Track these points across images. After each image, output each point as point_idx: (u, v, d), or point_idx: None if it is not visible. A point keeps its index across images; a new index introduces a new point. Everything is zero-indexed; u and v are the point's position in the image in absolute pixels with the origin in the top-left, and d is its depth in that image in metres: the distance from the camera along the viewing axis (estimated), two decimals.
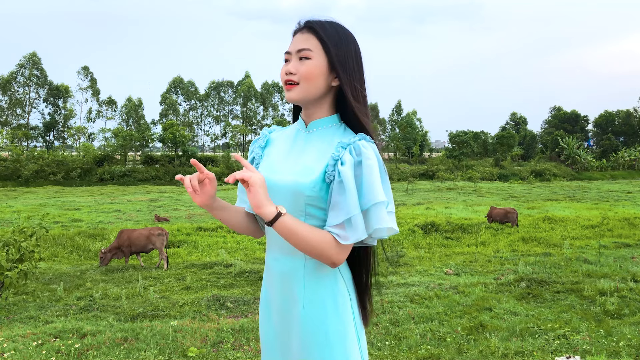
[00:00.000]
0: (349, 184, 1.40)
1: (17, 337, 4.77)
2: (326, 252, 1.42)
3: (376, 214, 1.41)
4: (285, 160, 1.56)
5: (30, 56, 56.53)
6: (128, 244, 10.63)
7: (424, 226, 14.94)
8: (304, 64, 1.48)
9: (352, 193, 1.40)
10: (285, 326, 1.55)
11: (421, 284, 7.88)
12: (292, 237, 1.40)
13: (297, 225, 1.40)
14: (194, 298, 7.27)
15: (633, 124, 71.84)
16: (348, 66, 1.50)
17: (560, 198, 27.20)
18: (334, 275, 1.52)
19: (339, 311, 1.50)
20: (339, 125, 1.56)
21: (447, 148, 62.69)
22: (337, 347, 1.49)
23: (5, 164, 44.67)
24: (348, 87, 1.50)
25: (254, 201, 1.37)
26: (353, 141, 1.46)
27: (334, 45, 1.49)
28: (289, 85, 1.50)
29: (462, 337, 5.01)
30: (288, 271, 1.53)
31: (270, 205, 1.38)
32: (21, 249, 7.10)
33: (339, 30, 1.52)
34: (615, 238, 13.26)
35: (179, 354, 4.37)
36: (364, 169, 1.42)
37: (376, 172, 1.43)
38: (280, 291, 1.56)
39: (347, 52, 1.51)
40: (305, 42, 1.49)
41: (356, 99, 1.51)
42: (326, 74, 1.50)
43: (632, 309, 5.90)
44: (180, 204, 23.84)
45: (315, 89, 1.50)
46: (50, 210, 20.91)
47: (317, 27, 1.49)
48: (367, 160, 1.42)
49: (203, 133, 66.46)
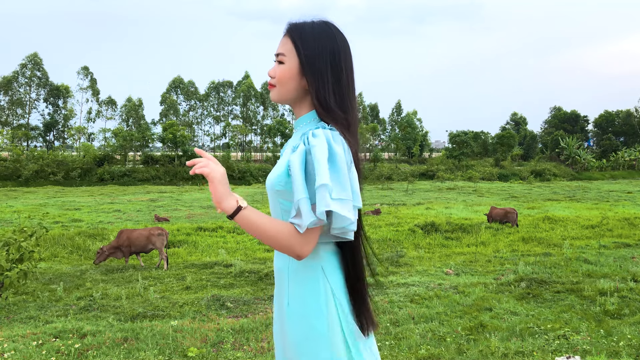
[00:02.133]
0: (294, 170, 1.43)
1: (17, 337, 4.77)
2: (287, 242, 1.42)
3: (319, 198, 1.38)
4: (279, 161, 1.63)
5: (32, 56, 56.51)
6: (128, 244, 10.63)
7: (424, 226, 14.94)
8: (279, 68, 1.57)
9: (296, 178, 1.42)
10: (279, 321, 1.61)
11: (421, 284, 7.88)
12: (253, 230, 1.43)
13: (258, 218, 1.43)
14: (194, 298, 7.27)
15: (633, 124, 71.81)
16: (316, 68, 1.53)
17: (560, 198, 27.20)
18: (314, 275, 1.53)
19: (322, 309, 1.50)
20: (317, 120, 1.57)
21: (447, 148, 62.67)
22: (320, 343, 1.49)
23: (5, 164, 44.66)
24: (313, 89, 1.54)
25: (214, 197, 1.40)
26: (307, 130, 1.51)
27: (305, 48, 1.54)
28: (270, 87, 1.60)
29: (462, 337, 5.01)
30: (279, 268, 1.60)
31: (230, 199, 1.42)
32: (21, 248, 7.10)
33: (317, 31, 1.55)
34: (615, 238, 13.26)
35: (179, 354, 4.37)
36: (312, 156, 1.43)
37: (321, 158, 1.41)
38: (276, 287, 1.64)
39: (317, 54, 1.54)
40: (282, 46, 1.58)
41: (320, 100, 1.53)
42: (298, 76, 1.56)
43: (632, 309, 5.90)
44: (180, 204, 23.84)
45: (288, 91, 1.58)
46: (50, 210, 20.91)
47: (294, 31, 1.56)
48: (313, 147, 1.43)
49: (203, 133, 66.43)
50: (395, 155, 68.73)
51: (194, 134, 62.96)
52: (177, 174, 48.57)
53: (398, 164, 56.09)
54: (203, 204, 23.72)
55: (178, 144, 51.75)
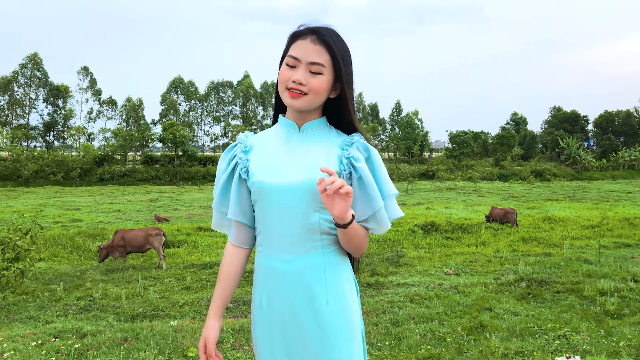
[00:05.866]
0: (369, 180, 1.51)
1: (17, 337, 4.77)
2: (365, 244, 1.56)
3: (392, 205, 1.55)
4: (286, 161, 1.55)
5: (32, 56, 56.53)
6: (122, 244, 10.73)
7: (424, 226, 14.94)
8: (316, 79, 1.51)
9: (374, 188, 1.50)
10: (298, 327, 1.53)
11: (421, 284, 7.88)
12: (354, 237, 1.49)
13: (357, 225, 1.50)
14: (194, 298, 7.27)
15: (633, 124, 71.83)
16: (350, 83, 1.59)
17: (561, 198, 27.20)
18: (348, 267, 1.61)
19: (356, 303, 1.60)
20: (328, 127, 1.64)
21: (447, 148, 62.67)
22: (358, 338, 1.57)
23: (5, 164, 44.66)
24: (350, 103, 1.60)
25: (347, 208, 1.39)
26: (357, 140, 1.57)
27: (343, 63, 1.55)
28: (295, 93, 1.51)
29: (462, 337, 5.01)
30: (305, 270, 1.53)
31: (350, 210, 1.46)
32: (17, 247, 7.10)
33: (343, 43, 1.57)
34: (615, 238, 13.25)
35: (179, 354, 4.37)
36: (375, 164, 1.55)
37: (384, 166, 1.56)
38: (289, 292, 1.54)
39: (350, 70, 1.58)
40: (318, 55, 1.51)
41: (354, 111, 1.63)
42: (330, 89, 1.57)
43: (632, 309, 5.89)
44: (180, 204, 23.83)
45: (321, 100, 1.57)
46: (50, 210, 20.91)
47: (330, 41, 1.52)
48: (375, 155, 1.55)
49: (203, 133, 66.47)
50: (395, 155, 68.74)
51: (194, 134, 62.96)
52: (177, 174, 48.58)
53: (398, 164, 56.07)
54: (203, 204, 23.72)
55: (178, 144, 51.75)
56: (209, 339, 1.59)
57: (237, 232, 1.64)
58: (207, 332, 1.60)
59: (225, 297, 1.64)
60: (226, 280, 1.65)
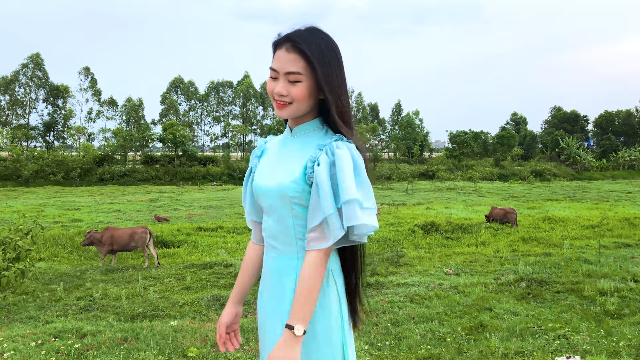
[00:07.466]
0: (324, 185, 1.47)
1: (17, 337, 4.76)
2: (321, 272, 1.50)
3: (348, 211, 1.46)
4: (272, 166, 1.63)
5: (34, 56, 56.51)
6: (110, 242, 10.95)
7: (424, 226, 14.94)
8: (296, 87, 1.53)
9: (326, 193, 1.46)
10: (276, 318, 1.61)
11: (421, 284, 7.88)
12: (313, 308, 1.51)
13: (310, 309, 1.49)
14: (194, 298, 7.27)
15: (633, 124, 71.81)
16: (333, 84, 1.55)
17: (560, 198, 27.20)
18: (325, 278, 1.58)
19: (327, 309, 1.57)
20: (321, 128, 1.63)
21: (447, 148, 62.64)
22: (322, 341, 1.56)
23: (5, 164, 44.66)
24: (333, 105, 1.55)
25: None
26: (329, 142, 1.53)
27: (321, 66, 1.53)
28: (280, 104, 1.55)
29: (462, 337, 5.01)
30: (282, 268, 1.61)
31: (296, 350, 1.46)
32: (17, 247, 7.10)
33: (322, 45, 1.54)
34: (615, 238, 13.25)
35: (179, 354, 4.36)
36: (337, 168, 1.48)
37: (348, 170, 1.47)
38: (272, 285, 1.65)
39: (331, 70, 1.55)
40: (293, 64, 1.51)
41: (339, 113, 1.57)
42: (315, 92, 1.56)
43: (632, 309, 5.89)
44: (180, 204, 23.83)
45: (306, 106, 1.57)
46: (50, 210, 20.91)
47: (304, 47, 1.51)
48: (338, 159, 1.48)
49: (203, 133, 66.44)
50: (395, 155, 68.71)
51: (194, 134, 62.95)
52: (177, 174, 48.58)
53: (398, 164, 56.05)
54: (203, 204, 23.72)
55: (178, 144, 51.74)
56: (220, 321, 1.76)
57: (255, 230, 1.80)
58: (221, 316, 1.78)
59: (241, 285, 1.80)
60: (243, 271, 1.81)
